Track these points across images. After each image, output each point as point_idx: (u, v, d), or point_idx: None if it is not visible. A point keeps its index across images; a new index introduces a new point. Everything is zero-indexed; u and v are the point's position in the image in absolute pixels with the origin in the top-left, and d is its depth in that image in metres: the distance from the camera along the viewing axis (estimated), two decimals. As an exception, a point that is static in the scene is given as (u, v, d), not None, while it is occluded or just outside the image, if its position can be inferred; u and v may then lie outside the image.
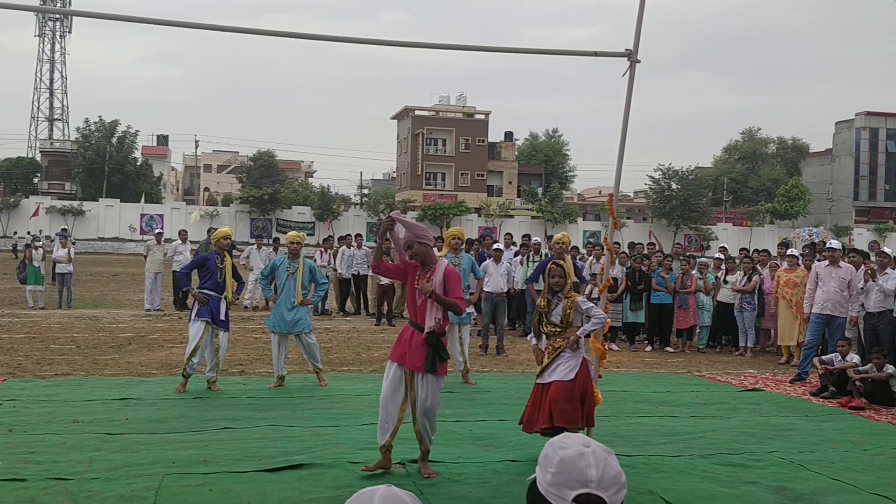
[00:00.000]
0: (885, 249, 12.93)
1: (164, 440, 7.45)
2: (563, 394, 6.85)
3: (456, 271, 6.73)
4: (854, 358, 10.98)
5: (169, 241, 25.61)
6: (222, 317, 10.01)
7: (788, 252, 14.98)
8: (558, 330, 7.11)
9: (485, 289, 13.75)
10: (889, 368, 10.43)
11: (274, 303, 10.65)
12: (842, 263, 12.04)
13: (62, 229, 28.59)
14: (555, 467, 1.78)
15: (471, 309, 11.46)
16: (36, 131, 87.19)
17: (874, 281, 11.59)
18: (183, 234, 20.77)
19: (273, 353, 10.48)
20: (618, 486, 1.77)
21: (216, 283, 10.03)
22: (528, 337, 7.70)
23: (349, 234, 21.51)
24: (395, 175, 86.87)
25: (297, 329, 10.42)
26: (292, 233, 11.18)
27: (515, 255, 17.18)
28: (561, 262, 7.50)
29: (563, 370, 6.97)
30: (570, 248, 13.79)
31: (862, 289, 11.84)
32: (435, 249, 7.05)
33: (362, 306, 20.12)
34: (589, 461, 1.76)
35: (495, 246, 15.78)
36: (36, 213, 56.46)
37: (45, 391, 9.57)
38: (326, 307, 19.95)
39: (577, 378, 6.96)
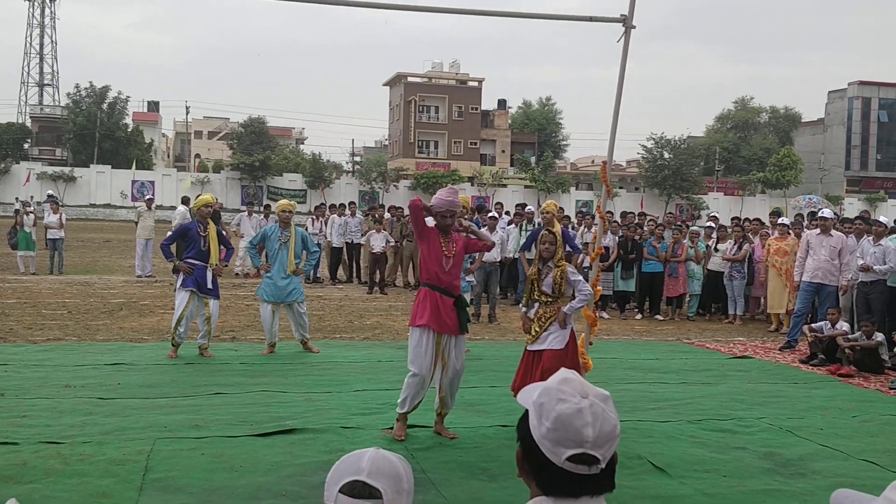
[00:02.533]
0: (882, 219, 12.90)
1: (156, 405, 7.47)
2: (555, 363, 6.89)
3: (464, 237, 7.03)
4: (844, 326, 11.05)
5: (162, 207, 25.55)
6: (209, 285, 9.95)
7: (780, 221, 15.01)
8: (550, 300, 7.13)
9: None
10: (878, 336, 10.51)
11: (266, 272, 10.60)
12: (833, 232, 12.07)
13: (48, 195, 28.45)
14: (551, 423, 1.73)
15: (471, 277, 11.52)
16: (26, 96, 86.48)
17: (873, 270, 11.54)
18: (186, 200, 20.65)
19: (265, 322, 10.45)
20: (612, 441, 1.75)
21: (200, 251, 9.95)
22: (520, 305, 7.74)
23: (342, 204, 21.45)
24: (387, 143, 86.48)
25: (290, 299, 10.43)
26: (283, 201, 11.13)
27: (509, 223, 17.20)
28: (552, 229, 7.50)
29: (554, 340, 7.03)
30: (559, 216, 13.79)
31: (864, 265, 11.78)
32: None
33: (354, 274, 20.12)
34: (586, 419, 1.72)
35: (490, 214, 15.81)
36: (28, 180, 56.15)
37: (36, 356, 9.57)
38: (318, 275, 19.94)
39: (567, 347, 7.04)
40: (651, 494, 5.54)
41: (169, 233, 10.90)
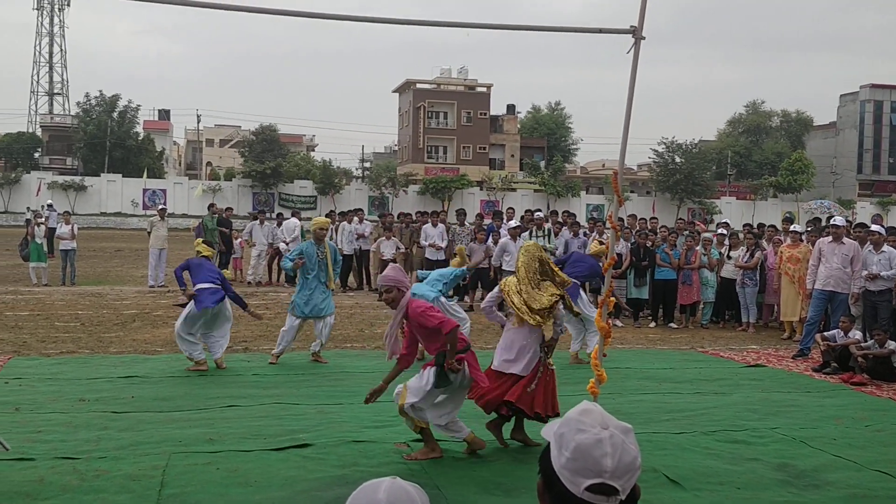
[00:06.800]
0: (874, 227, 12.83)
1: (171, 418, 7.50)
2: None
3: (417, 308, 6.37)
4: (856, 334, 11.01)
5: (173, 216, 25.63)
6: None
7: (791, 228, 14.94)
8: None
9: (504, 267, 13.84)
10: (891, 345, 10.45)
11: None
12: (845, 239, 12.01)
13: (48, 204, 28.72)
14: (570, 452, 1.75)
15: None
16: (36, 106, 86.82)
17: (881, 277, 11.49)
18: (297, 213, 21.74)
19: (287, 334, 10.49)
20: (632, 473, 1.76)
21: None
22: None
23: (351, 210, 21.51)
24: (396, 148, 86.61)
25: (325, 313, 10.58)
26: (321, 218, 11.32)
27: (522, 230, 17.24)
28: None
29: None
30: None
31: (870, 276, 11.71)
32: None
33: (365, 281, 20.14)
34: (605, 449, 1.74)
35: (512, 224, 15.89)
36: (39, 190, 56.38)
37: (50, 369, 9.62)
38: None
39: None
40: (665, 508, 5.53)
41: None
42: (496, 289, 7.20)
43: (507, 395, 6.73)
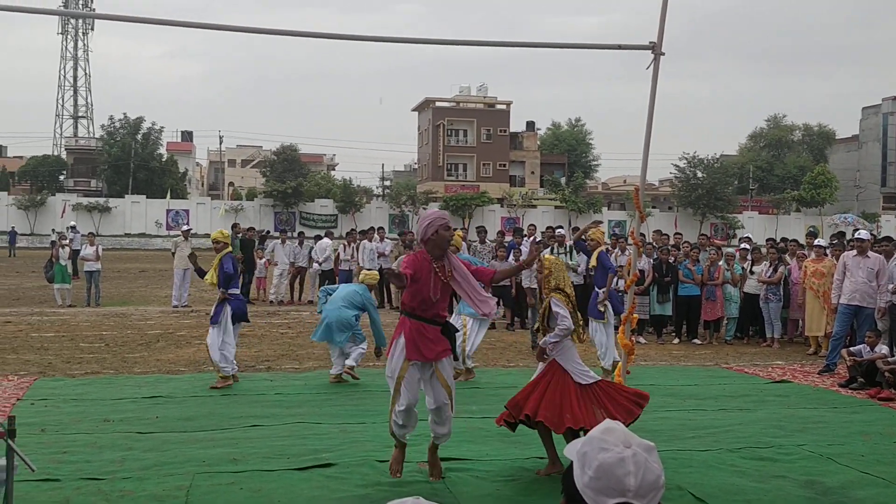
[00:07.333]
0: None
1: (194, 438, 7.53)
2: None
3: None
4: (883, 349, 10.89)
5: (196, 235, 25.82)
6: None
7: (816, 242, 14.82)
8: (544, 330, 6.96)
9: (531, 285, 13.92)
10: (919, 359, 10.33)
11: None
12: (870, 253, 11.90)
13: (71, 226, 29.08)
14: (593, 471, 1.75)
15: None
16: (61, 129, 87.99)
17: None
18: (330, 234, 21.72)
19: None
20: (655, 491, 1.76)
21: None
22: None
23: (372, 227, 21.55)
24: (416, 166, 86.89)
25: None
26: (375, 273, 11.46)
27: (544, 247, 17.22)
28: (543, 257, 7.35)
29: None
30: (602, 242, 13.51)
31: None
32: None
33: (386, 300, 20.15)
34: (628, 468, 1.74)
35: (534, 239, 15.92)
36: (64, 212, 57.03)
37: (75, 390, 9.69)
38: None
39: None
40: (691, 527, 5.47)
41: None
42: (563, 309, 6.71)
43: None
